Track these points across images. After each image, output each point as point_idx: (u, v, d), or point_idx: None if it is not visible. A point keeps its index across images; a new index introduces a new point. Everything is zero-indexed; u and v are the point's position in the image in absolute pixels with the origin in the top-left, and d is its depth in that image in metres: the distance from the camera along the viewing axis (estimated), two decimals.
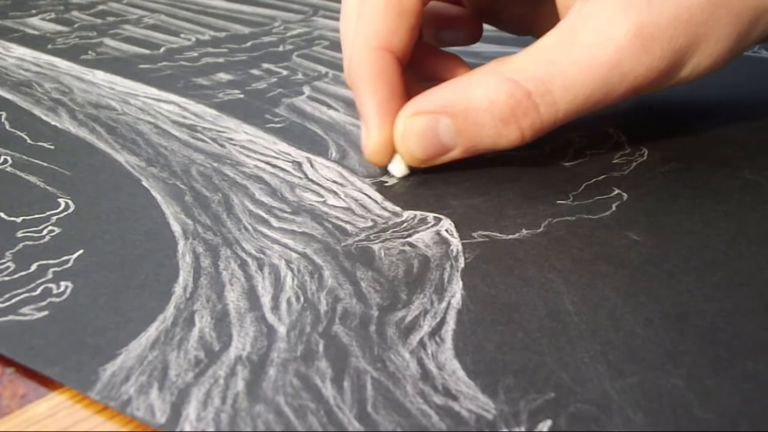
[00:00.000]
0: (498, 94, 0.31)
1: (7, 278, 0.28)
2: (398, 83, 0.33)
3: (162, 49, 0.50)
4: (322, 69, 0.47)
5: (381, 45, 0.33)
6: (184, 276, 0.27)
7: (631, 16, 0.31)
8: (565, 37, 0.31)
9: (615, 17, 0.31)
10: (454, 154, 0.33)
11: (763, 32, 0.33)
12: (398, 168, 0.34)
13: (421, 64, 0.36)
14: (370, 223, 0.30)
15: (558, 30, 0.32)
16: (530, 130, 0.32)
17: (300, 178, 0.34)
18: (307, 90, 0.44)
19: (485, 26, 0.40)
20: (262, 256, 0.29)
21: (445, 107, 0.32)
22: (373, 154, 0.33)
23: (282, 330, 0.25)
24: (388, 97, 0.33)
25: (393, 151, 0.33)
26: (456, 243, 0.29)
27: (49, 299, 0.27)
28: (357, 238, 0.30)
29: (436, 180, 0.34)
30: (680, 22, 0.31)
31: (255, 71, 0.47)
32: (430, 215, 0.31)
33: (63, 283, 0.27)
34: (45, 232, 0.30)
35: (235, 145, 0.37)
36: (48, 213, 0.32)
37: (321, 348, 0.24)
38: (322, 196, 0.32)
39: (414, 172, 0.34)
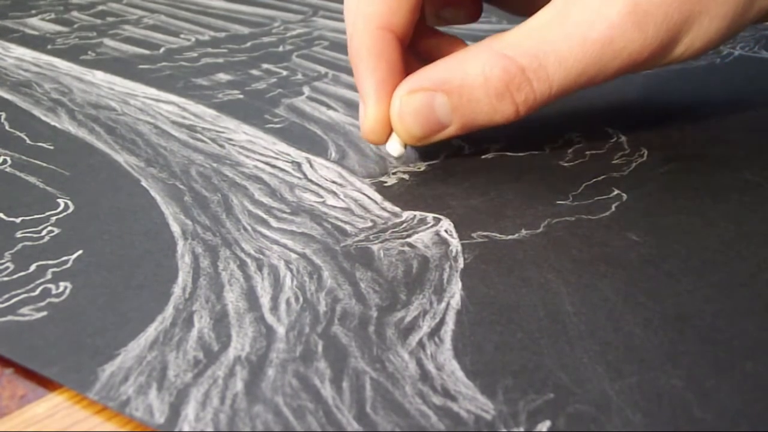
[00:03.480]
0: (492, 69, 0.32)
1: (6, 279, 0.28)
2: (398, 63, 0.34)
3: (161, 50, 0.50)
4: (322, 69, 0.47)
5: (382, 25, 0.33)
6: (183, 276, 0.27)
7: None
8: (559, 14, 0.32)
9: None
10: (451, 130, 0.33)
11: (759, 12, 0.33)
12: (395, 147, 0.34)
13: (422, 45, 0.36)
14: (370, 224, 0.30)
15: (552, 6, 0.32)
16: (524, 105, 0.32)
17: (299, 178, 0.34)
18: (306, 90, 0.44)
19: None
20: (261, 256, 0.29)
21: (440, 84, 0.32)
22: (369, 132, 0.34)
23: (281, 330, 0.25)
24: (387, 76, 0.33)
25: (390, 131, 0.34)
26: (455, 243, 0.29)
27: (48, 299, 0.27)
28: (356, 239, 0.29)
29: (436, 180, 0.34)
30: (674, 0, 0.31)
31: (254, 71, 0.46)
32: (430, 216, 0.31)
33: (62, 284, 0.27)
34: (44, 232, 0.30)
35: (234, 145, 0.37)
36: (47, 213, 0.32)
37: (320, 348, 0.24)
38: (322, 197, 0.32)
39: (412, 161, 0.34)
